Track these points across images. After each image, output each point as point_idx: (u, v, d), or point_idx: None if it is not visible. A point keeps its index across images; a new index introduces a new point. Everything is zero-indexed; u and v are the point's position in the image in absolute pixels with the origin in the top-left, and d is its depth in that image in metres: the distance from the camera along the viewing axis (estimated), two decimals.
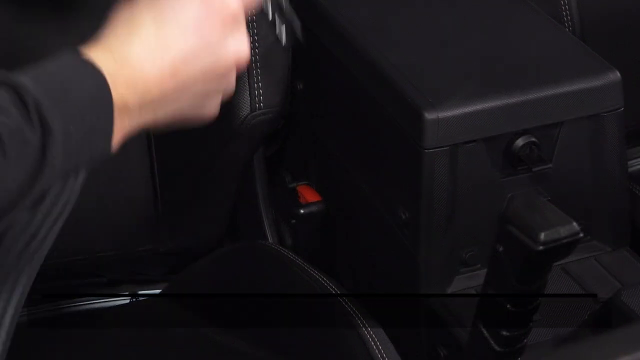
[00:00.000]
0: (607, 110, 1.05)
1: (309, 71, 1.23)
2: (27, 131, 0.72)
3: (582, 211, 1.07)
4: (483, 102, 1.00)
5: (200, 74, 0.81)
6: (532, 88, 1.02)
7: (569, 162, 1.06)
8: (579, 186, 1.07)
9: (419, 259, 1.03)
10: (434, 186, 1.01)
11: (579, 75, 1.05)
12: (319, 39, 1.18)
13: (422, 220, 1.02)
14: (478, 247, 1.04)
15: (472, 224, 1.04)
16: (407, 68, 1.05)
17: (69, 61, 0.75)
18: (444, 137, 0.99)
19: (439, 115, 0.99)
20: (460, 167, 1.01)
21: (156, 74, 0.78)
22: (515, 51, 1.09)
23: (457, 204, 1.02)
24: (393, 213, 1.06)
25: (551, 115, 1.03)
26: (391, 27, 1.13)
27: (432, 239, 1.02)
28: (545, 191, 1.05)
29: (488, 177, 1.03)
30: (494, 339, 0.89)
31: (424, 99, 1.00)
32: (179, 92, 0.80)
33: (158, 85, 0.79)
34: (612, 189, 1.08)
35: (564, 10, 1.32)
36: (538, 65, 1.07)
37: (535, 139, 1.03)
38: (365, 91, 1.10)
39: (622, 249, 1.10)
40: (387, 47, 1.09)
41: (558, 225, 0.81)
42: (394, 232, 1.07)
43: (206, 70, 0.81)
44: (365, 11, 1.16)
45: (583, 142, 1.05)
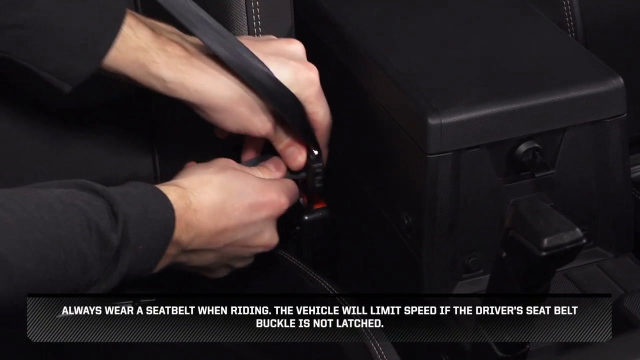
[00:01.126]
0: (610, 117, 1.05)
1: None
2: (112, 238, 0.87)
3: (585, 217, 1.07)
4: (486, 108, 1.00)
5: (238, 244, 1.01)
6: (535, 94, 1.02)
7: (572, 168, 1.06)
8: (582, 192, 1.07)
9: (422, 264, 1.03)
10: (437, 191, 1.01)
11: (582, 81, 1.05)
12: (323, 43, 1.19)
13: (425, 225, 1.02)
14: (481, 252, 1.04)
15: (475, 230, 1.04)
16: (410, 73, 1.05)
17: (149, 190, 0.94)
18: (447, 143, 0.99)
19: (442, 120, 0.99)
20: (464, 172, 1.01)
21: (210, 229, 0.97)
22: (519, 57, 1.09)
23: (460, 209, 1.02)
24: (396, 218, 1.06)
25: (554, 121, 1.03)
26: (395, 31, 1.13)
27: (435, 244, 1.02)
28: (548, 197, 1.05)
29: (491, 182, 1.03)
30: (497, 345, 0.89)
31: (427, 104, 1.00)
32: (215, 251, 1.00)
33: (205, 238, 0.97)
34: (615, 195, 1.08)
35: (567, 16, 1.33)
36: (541, 71, 1.06)
37: (539, 145, 1.03)
38: (369, 96, 1.10)
39: (625, 255, 1.10)
40: (390, 52, 1.09)
41: (561, 231, 0.81)
42: (397, 237, 1.07)
43: (243, 244, 1.01)
44: (369, 15, 1.16)
45: (586, 148, 1.05)
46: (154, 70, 1.00)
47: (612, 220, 1.08)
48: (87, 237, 0.86)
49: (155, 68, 1.00)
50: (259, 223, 1.02)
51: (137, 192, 0.93)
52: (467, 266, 1.04)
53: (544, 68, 1.07)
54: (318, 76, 1.06)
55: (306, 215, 1.10)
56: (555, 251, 0.81)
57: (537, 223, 0.82)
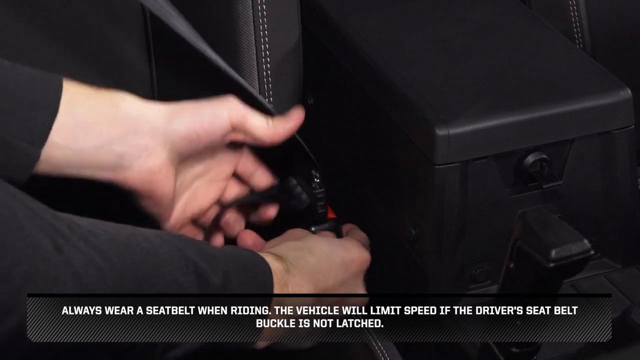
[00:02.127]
0: (618, 128, 1.05)
1: (320, 86, 1.23)
2: (213, 280, 0.87)
3: (593, 229, 1.07)
4: (494, 119, 1.00)
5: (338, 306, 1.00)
6: (543, 105, 1.02)
7: (579, 180, 1.06)
8: (590, 203, 1.07)
9: (429, 274, 1.03)
10: (444, 202, 1.01)
11: (590, 93, 1.05)
12: (330, 53, 1.19)
13: (432, 235, 1.02)
14: (488, 263, 1.04)
15: (483, 240, 1.04)
16: (418, 84, 1.06)
17: (245, 252, 0.94)
18: (455, 153, 0.99)
19: (450, 131, 0.99)
20: (471, 183, 1.01)
21: (310, 291, 0.96)
22: (527, 68, 1.09)
23: (468, 220, 1.02)
24: (403, 228, 1.06)
25: (562, 132, 1.03)
26: (403, 42, 1.13)
27: (443, 255, 1.02)
28: (556, 208, 1.05)
29: (498, 193, 1.03)
30: (504, 356, 0.89)
31: (435, 115, 1.00)
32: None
33: (299, 301, 0.96)
34: (623, 207, 1.08)
35: (575, 27, 1.33)
36: (549, 82, 1.07)
37: (546, 156, 1.03)
38: (377, 106, 1.10)
39: (632, 266, 1.10)
40: (398, 63, 1.09)
41: (569, 243, 0.81)
42: (404, 248, 1.07)
43: (343, 304, 1.00)
44: (377, 26, 1.17)
45: (594, 159, 1.05)
46: (116, 97, 0.96)
47: (620, 231, 1.08)
48: (184, 272, 0.86)
49: (117, 96, 0.96)
50: (352, 280, 1.01)
51: (233, 252, 0.93)
52: (474, 277, 1.04)
53: (552, 79, 1.07)
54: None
55: (314, 227, 1.09)
56: (563, 262, 0.81)
57: (545, 234, 0.82)
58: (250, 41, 1.16)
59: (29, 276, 0.76)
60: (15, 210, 0.77)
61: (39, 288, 0.77)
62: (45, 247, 0.77)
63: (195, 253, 0.88)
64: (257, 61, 1.16)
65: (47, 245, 0.77)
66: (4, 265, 0.74)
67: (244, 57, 1.16)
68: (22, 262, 0.75)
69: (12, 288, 0.75)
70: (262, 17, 1.16)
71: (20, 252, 0.75)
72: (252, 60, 1.16)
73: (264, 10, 1.16)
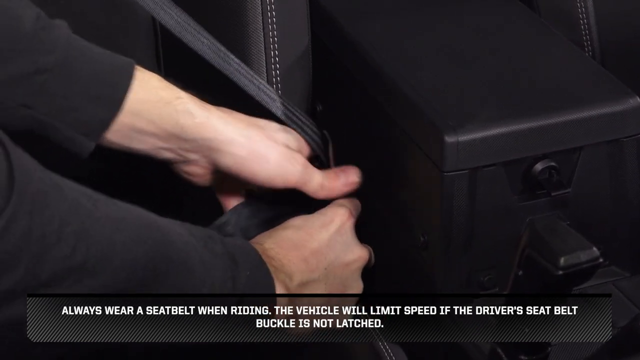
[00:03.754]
0: (627, 136, 1.05)
1: (329, 93, 1.23)
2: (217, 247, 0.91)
3: (601, 236, 1.07)
4: (503, 126, 1.00)
5: (335, 266, 1.05)
6: (552, 112, 1.02)
7: (588, 187, 1.05)
8: (598, 211, 1.07)
9: (438, 281, 1.03)
10: (452, 209, 1.01)
11: (598, 100, 1.05)
12: (339, 60, 1.19)
13: (440, 243, 1.02)
14: (496, 270, 1.04)
15: (491, 248, 1.04)
16: (427, 91, 1.06)
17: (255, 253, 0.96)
18: (464, 161, 0.99)
19: (459, 138, 0.99)
20: (480, 190, 1.01)
21: (299, 258, 1.00)
22: (536, 75, 1.09)
23: (476, 227, 1.02)
24: (412, 235, 1.07)
25: (571, 140, 1.03)
26: (412, 49, 1.14)
27: (451, 262, 1.02)
28: (565, 216, 1.05)
29: (507, 201, 1.03)
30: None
31: (444, 122, 1.00)
32: (321, 281, 1.03)
33: (301, 267, 1.00)
34: (632, 215, 1.07)
35: (584, 35, 1.33)
36: (558, 89, 1.07)
37: (555, 164, 1.03)
38: (385, 113, 1.10)
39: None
40: (407, 69, 1.09)
41: (578, 250, 0.81)
42: (412, 255, 1.07)
43: (340, 263, 1.06)
44: (386, 32, 1.17)
45: (602, 167, 1.05)
46: (181, 106, 1.00)
47: (629, 239, 1.08)
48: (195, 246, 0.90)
49: (181, 103, 1.00)
50: (337, 236, 1.05)
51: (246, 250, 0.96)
52: (482, 284, 1.04)
53: (561, 86, 1.07)
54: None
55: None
56: (572, 270, 0.81)
57: (553, 242, 0.82)
58: (259, 48, 1.17)
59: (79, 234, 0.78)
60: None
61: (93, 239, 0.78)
62: (85, 205, 0.80)
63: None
64: (266, 68, 1.16)
65: (86, 203, 0.80)
66: (54, 228, 0.76)
67: (254, 65, 1.16)
68: (70, 222, 0.77)
69: (69, 245, 0.76)
70: (271, 24, 1.16)
71: (65, 212, 0.77)
72: (261, 67, 1.16)
73: (273, 17, 1.16)
